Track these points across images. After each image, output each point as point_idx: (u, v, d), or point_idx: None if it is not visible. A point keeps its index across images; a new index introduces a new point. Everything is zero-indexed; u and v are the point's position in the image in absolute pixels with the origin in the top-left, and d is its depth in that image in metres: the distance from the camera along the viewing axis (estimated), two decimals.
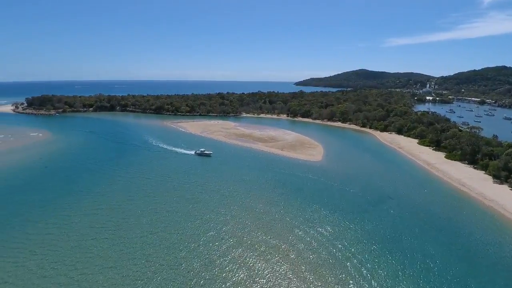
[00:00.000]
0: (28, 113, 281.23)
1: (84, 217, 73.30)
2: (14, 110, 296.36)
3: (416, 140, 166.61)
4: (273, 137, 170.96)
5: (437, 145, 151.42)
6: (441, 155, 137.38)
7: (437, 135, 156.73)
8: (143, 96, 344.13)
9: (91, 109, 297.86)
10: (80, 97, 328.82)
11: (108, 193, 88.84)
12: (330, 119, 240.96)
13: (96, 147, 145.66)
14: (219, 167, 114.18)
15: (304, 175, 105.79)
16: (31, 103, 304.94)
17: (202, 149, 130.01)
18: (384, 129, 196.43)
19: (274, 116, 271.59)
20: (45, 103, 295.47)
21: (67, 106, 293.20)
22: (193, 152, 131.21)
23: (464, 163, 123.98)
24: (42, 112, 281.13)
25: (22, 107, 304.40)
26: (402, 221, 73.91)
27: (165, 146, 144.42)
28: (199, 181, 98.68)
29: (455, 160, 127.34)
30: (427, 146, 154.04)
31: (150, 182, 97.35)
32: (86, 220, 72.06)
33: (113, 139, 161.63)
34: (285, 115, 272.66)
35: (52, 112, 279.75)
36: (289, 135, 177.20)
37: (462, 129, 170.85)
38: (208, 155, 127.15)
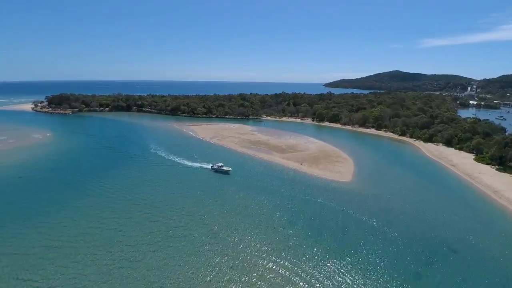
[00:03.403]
0: (45, 112, 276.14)
1: (12, 258, 53.06)
2: (33, 109, 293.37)
3: (472, 156, 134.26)
4: (292, 146, 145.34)
5: (500, 163, 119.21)
6: (508, 178, 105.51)
7: (501, 150, 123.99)
8: (162, 96, 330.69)
9: (107, 108, 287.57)
10: (98, 96, 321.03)
11: (65, 219, 68.60)
12: (362, 125, 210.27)
13: (87, 154, 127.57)
14: (216, 185, 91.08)
15: (327, 203, 79.82)
16: (50, 101, 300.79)
17: (220, 164, 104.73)
18: (429, 139, 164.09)
19: (298, 120, 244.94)
20: (63, 101, 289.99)
21: (83, 105, 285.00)
22: (209, 167, 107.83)
23: None
24: (58, 111, 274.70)
25: (41, 106, 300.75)
26: None
27: (164, 155, 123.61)
28: (183, 210, 75.89)
29: None
30: (487, 164, 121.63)
31: (127, 207, 76.03)
32: (12, 263, 51.53)
33: (110, 145, 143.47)
34: (310, 119, 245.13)
35: (68, 111, 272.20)
36: (312, 144, 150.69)
37: None
38: (226, 172, 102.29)
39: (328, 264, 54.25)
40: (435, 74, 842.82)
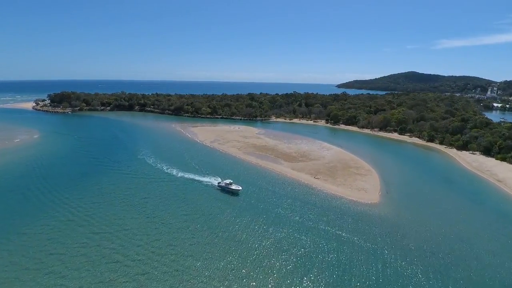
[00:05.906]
0: (45, 111, 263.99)
1: None
2: (33, 107, 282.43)
3: None
4: (304, 153, 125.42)
5: None
6: None
7: None
8: (167, 95, 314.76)
9: (108, 108, 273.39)
10: (101, 94, 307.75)
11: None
12: (383, 128, 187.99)
13: (66, 160, 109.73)
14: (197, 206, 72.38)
15: (350, 237, 59.96)
16: (52, 99, 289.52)
17: (228, 181, 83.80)
18: (463, 147, 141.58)
19: (310, 122, 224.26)
20: (64, 100, 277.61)
21: (84, 104, 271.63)
22: (202, 179, 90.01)
23: None
24: (58, 110, 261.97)
25: (41, 104, 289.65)
26: None
27: (152, 163, 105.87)
28: (155, 246, 57.44)
29: None
30: None
31: (85, 237, 58.20)
32: None
33: (97, 149, 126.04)
34: (323, 121, 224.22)
35: (67, 110, 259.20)
36: (327, 151, 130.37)
37: None
38: (234, 192, 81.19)
39: None
40: (452, 75, 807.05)
